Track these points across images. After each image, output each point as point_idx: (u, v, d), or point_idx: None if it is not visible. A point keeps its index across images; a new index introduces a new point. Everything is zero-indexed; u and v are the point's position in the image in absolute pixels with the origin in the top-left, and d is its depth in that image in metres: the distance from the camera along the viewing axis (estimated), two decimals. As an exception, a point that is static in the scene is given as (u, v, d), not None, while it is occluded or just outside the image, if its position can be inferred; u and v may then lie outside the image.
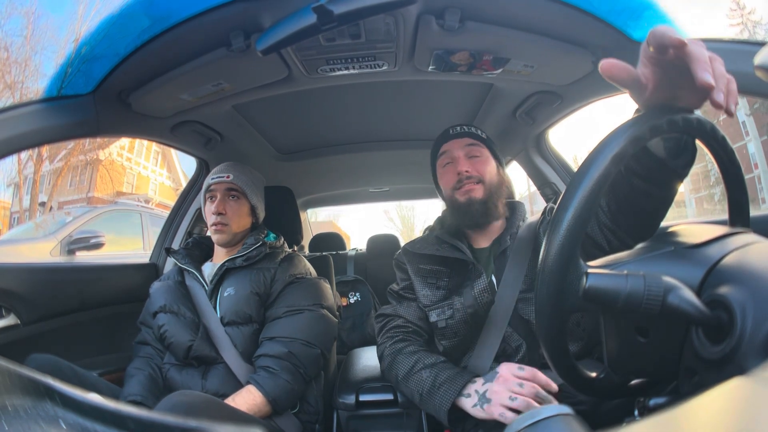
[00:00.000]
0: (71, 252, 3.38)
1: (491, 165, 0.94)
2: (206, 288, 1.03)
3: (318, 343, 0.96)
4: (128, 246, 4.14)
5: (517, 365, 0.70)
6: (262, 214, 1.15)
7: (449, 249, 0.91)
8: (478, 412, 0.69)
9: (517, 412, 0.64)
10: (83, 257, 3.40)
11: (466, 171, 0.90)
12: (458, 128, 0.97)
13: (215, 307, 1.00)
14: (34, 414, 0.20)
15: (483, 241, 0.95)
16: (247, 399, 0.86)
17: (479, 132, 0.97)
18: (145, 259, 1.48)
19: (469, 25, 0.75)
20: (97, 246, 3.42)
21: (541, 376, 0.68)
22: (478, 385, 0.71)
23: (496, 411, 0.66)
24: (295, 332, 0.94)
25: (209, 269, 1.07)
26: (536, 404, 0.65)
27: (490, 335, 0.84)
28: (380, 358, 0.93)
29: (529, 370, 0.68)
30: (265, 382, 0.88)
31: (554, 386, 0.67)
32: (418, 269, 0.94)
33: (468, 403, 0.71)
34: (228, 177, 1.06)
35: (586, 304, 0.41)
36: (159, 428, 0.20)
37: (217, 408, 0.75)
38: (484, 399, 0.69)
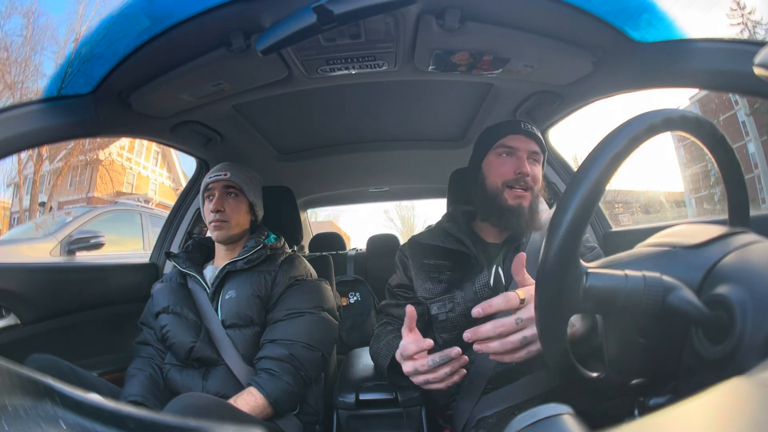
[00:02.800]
0: (71, 252, 3.37)
1: (541, 176, 0.92)
2: (208, 291, 1.03)
3: (319, 346, 0.96)
4: (128, 246, 4.14)
5: (401, 353, 0.73)
6: (260, 213, 1.15)
7: (454, 242, 0.91)
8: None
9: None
10: (83, 257, 3.40)
11: (527, 173, 0.87)
12: (530, 127, 0.92)
13: (216, 310, 1.00)
14: (34, 414, 0.20)
15: (497, 236, 0.94)
16: (249, 401, 0.86)
17: (542, 139, 0.93)
18: (145, 259, 1.48)
19: (469, 25, 0.75)
20: (97, 246, 3.41)
21: (409, 349, 0.71)
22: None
23: (432, 386, 0.71)
24: (296, 335, 0.94)
25: (210, 272, 1.07)
26: (441, 371, 0.69)
27: None
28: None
29: (407, 350, 0.72)
30: (267, 384, 0.88)
31: (426, 344, 0.70)
32: (422, 264, 0.95)
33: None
34: (226, 175, 1.07)
35: (586, 305, 0.41)
36: (159, 428, 0.21)
37: (225, 410, 0.75)
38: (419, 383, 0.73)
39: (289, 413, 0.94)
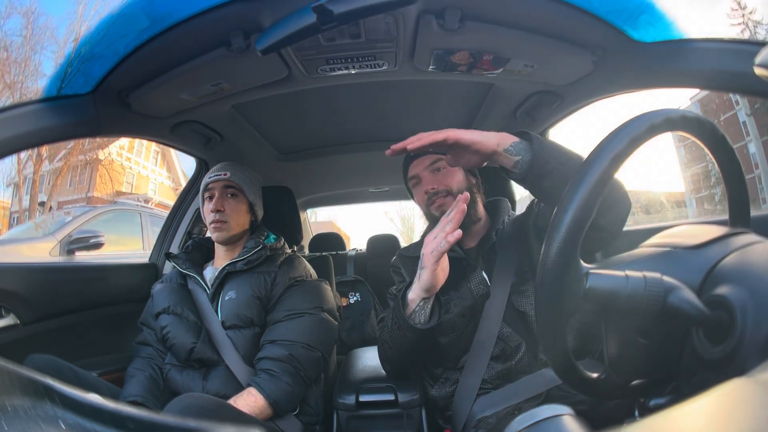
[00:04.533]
0: (71, 252, 3.37)
1: (457, 174, 0.95)
2: (207, 292, 1.03)
3: (318, 347, 0.96)
4: (128, 246, 4.14)
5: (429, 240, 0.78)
6: (260, 213, 1.15)
7: None
8: (425, 277, 0.76)
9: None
10: (83, 257, 3.39)
11: (432, 188, 0.92)
12: None
13: (216, 311, 1.00)
14: (33, 414, 0.20)
15: (470, 241, 0.97)
16: (249, 401, 0.86)
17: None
18: (145, 259, 1.47)
19: (469, 24, 0.75)
20: (97, 246, 3.41)
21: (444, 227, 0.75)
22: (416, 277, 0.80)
23: (429, 258, 0.76)
24: (295, 335, 0.94)
25: (210, 273, 1.07)
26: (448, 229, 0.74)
27: (485, 330, 0.86)
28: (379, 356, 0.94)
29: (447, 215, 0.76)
30: (266, 384, 0.88)
31: (464, 196, 0.74)
32: (414, 271, 0.95)
33: (417, 290, 0.79)
34: (225, 174, 1.06)
35: (587, 305, 0.41)
36: (159, 428, 0.20)
37: (225, 411, 0.75)
38: (420, 270, 0.77)
39: (289, 414, 0.94)
